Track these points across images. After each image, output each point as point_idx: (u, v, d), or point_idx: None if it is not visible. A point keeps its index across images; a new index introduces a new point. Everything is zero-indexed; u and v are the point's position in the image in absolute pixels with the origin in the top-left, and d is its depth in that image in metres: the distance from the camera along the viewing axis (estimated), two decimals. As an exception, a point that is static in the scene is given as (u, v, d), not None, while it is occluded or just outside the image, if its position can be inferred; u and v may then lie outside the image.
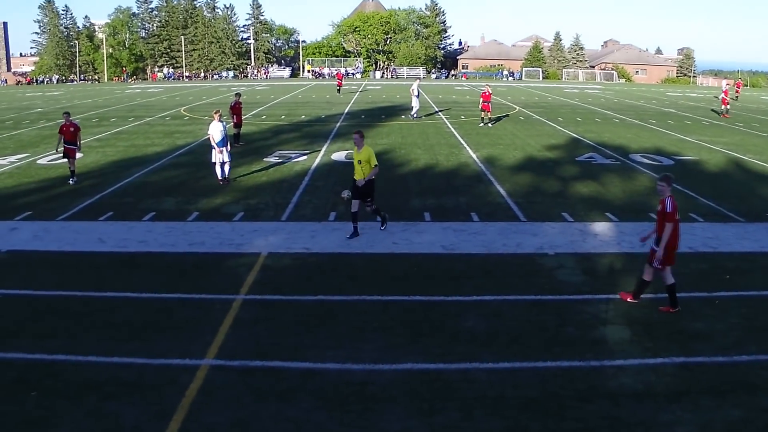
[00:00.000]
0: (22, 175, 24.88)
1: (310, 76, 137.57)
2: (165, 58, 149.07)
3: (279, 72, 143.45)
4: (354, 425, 8.09)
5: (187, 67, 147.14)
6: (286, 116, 45.60)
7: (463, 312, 11.45)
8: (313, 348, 10.19)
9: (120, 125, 41.80)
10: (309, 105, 55.70)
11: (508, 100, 59.22)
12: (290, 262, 14.31)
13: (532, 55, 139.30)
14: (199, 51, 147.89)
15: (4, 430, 8.24)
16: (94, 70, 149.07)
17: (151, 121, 44.03)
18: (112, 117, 47.60)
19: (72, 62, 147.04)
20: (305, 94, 71.54)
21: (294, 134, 35.78)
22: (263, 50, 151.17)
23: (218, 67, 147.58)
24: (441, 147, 29.91)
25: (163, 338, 10.69)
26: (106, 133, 37.66)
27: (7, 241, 16.25)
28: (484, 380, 9.09)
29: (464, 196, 20.01)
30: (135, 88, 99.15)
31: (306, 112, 48.82)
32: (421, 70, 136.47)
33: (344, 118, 43.93)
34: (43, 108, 57.94)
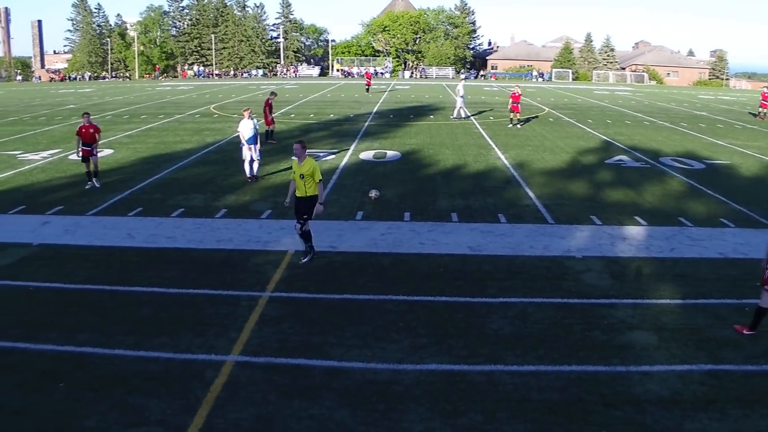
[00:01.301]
0: (54, 170, 25.14)
1: (339, 75, 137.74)
2: (195, 56, 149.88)
3: (308, 71, 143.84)
4: (377, 425, 8.10)
5: (217, 65, 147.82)
6: (314, 115, 45.70)
7: (488, 313, 11.42)
8: (338, 346, 10.22)
9: (150, 122, 42.12)
10: (338, 104, 55.78)
11: (537, 101, 58.96)
12: (317, 260, 14.33)
13: (562, 56, 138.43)
14: (229, 49, 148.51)
15: (33, 420, 8.39)
16: (125, 68, 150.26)
17: (180, 119, 44.31)
18: (142, 114, 47.97)
19: (104, 60, 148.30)
20: (334, 93, 71.64)
21: (322, 133, 35.84)
22: (293, 49, 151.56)
23: (248, 65, 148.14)
24: (469, 148, 29.83)
25: (189, 333, 10.78)
26: (137, 130, 37.96)
27: (38, 234, 16.46)
28: (508, 383, 9.07)
29: (492, 197, 19.95)
30: (165, 85, 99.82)
31: (335, 111, 48.89)
32: (450, 70, 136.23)
33: (373, 117, 43.95)
34: (75, 105, 58.49)
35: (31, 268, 14.20)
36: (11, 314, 11.70)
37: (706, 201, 19.70)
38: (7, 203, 19.78)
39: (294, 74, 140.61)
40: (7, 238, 16.24)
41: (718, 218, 17.57)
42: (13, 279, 13.49)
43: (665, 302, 11.97)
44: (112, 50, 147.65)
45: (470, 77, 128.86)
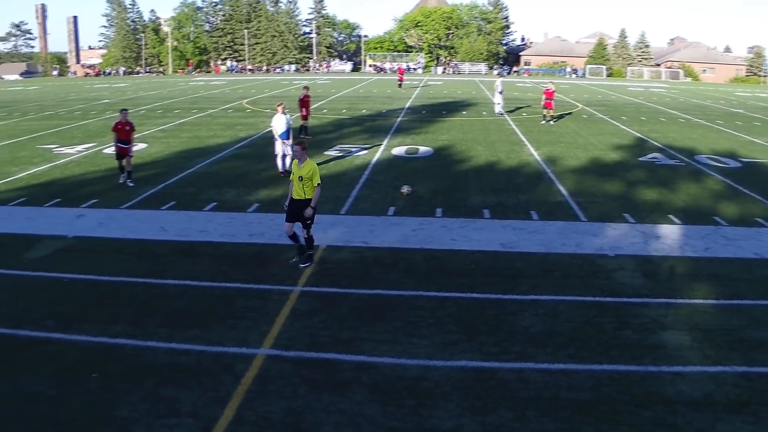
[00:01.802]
0: (89, 163, 25.42)
1: (372, 70, 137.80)
2: (228, 51, 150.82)
3: (340, 66, 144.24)
4: (406, 420, 8.12)
5: (249, 61, 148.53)
6: (347, 110, 45.76)
7: (519, 311, 11.38)
8: (368, 341, 10.25)
9: (183, 116, 42.43)
10: (370, 99, 55.83)
11: (570, 97, 58.58)
12: (348, 255, 14.38)
13: (596, 52, 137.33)
14: (262, 44, 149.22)
15: (66, 409, 8.51)
16: (159, 63, 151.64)
17: (213, 113, 44.58)
18: (176, 108, 48.32)
19: (138, 55, 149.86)
20: (366, 89, 71.72)
21: (355, 128, 35.89)
22: (325, 44, 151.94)
23: (280, 60, 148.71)
24: (502, 144, 29.73)
25: (221, 326, 10.86)
26: (170, 125, 38.25)
27: (73, 227, 16.66)
28: (538, 381, 9.03)
29: (524, 193, 19.86)
30: (198, 80, 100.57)
31: (367, 106, 48.94)
32: (483, 66, 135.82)
33: (405, 113, 43.93)
34: (109, 99, 59.11)
35: (66, 260, 14.39)
36: (47, 305, 11.87)
37: (742, 200, 19.47)
38: (43, 196, 20.04)
39: (326, 69, 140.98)
40: (43, 230, 16.47)
41: (754, 218, 17.36)
42: (49, 270, 13.67)
43: (699, 302, 11.85)
44: (146, 45, 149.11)
45: (503, 73, 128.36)
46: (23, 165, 25.54)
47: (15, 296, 12.38)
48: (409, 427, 7.98)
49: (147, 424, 8.14)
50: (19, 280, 13.24)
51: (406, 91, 66.51)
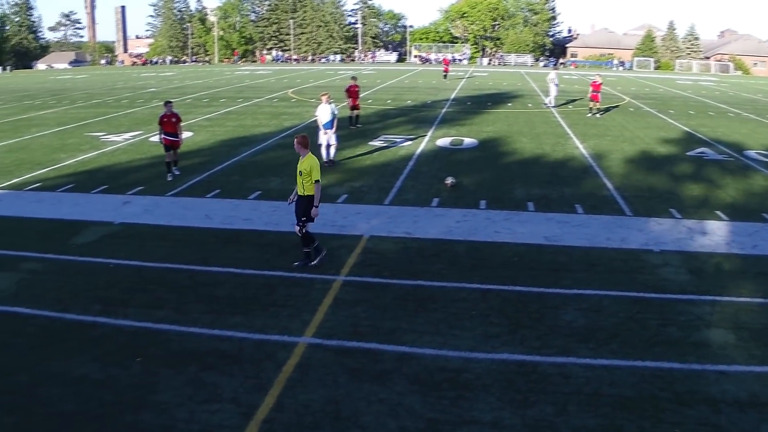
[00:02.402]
0: (135, 151, 25.73)
1: (417, 61, 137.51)
2: (274, 41, 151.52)
3: (386, 57, 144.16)
4: (446, 412, 8.11)
5: (295, 51, 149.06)
6: (392, 101, 45.74)
7: (562, 305, 11.30)
8: (410, 332, 10.25)
9: (229, 105, 42.75)
10: (415, 90, 55.74)
11: (617, 90, 57.88)
12: (391, 246, 14.39)
13: (643, 45, 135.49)
14: (308, 34, 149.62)
15: (110, 392, 8.66)
16: (205, 52, 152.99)
17: (259, 103, 44.85)
18: (221, 97, 48.70)
19: (184, 44, 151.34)
20: (411, 80, 71.61)
21: (400, 119, 35.86)
22: (370, 35, 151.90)
23: (326, 50, 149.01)
24: (547, 136, 29.50)
25: (263, 314, 10.95)
26: (216, 113, 38.57)
27: (120, 213, 16.89)
28: (580, 376, 8.97)
29: (569, 187, 19.70)
30: (244, 70, 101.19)
31: (412, 97, 48.88)
32: (529, 58, 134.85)
33: (450, 104, 43.80)
34: (156, 88, 59.75)
35: (112, 245, 14.60)
36: (93, 290, 12.06)
37: (792, 197, 19.12)
38: (90, 183, 20.35)
39: (371, 60, 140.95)
40: (90, 216, 16.72)
41: (805, 216, 17.05)
42: (95, 256, 13.89)
43: (745, 300, 11.65)
44: (193, 35, 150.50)
45: (549, 65, 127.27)
46: (71, 152, 25.95)
47: (63, 281, 12.60)
48: (449, 419, 7.97)
49: (189, 409, 8.24)
50: (66, 265, 13.48)
51: (452, 82, 66.28)
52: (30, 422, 8.07)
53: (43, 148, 27.14)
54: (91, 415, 8.18)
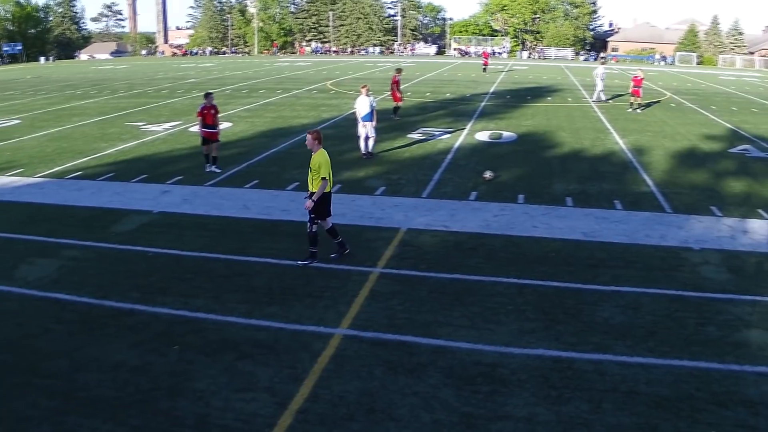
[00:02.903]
0: (175, 141, 25.97)
1: (456, 54, 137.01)
2: (313, 32, 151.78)
3: (425, 49, 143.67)
4: (480, 406, 8.10)
5: (334, 42, 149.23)
6: (431, 93, 45.66)
7: (599, 301, 11.21)
8: (446, 325, 10.24)
9: (268, 97, 42.96)
10: (454, 83, 55.57)
11: (658, 85, 57.18)
12: (429, 239, 14.38)
13: (686, 39, 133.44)
14: (347, 26, 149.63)
15: (147, 378, 8.80)
16: (245, 44, 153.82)
17: (298, 94, 45.03)
18: (261, 89, 48.95)
19: (224, 35, 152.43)
20: (451, 72, 71.38)
21: (438, 112, 35.78)
22: (410, 27, 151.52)
23: (365, 42, 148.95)
24: (587, 131, 29.26)
25: (299, 305, 11.01)
26: (255, 104, 38.78)
27: (159, 203, 17.07)
28: (616, 373, 8.89)
29: (608, 182, 19.51)
30: (283, 61, 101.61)
31: (451, 90, 48.74)
32: (569, 52, 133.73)
33: (489, 97, 43.61)
34: (196, 79, 60.28)
35: (150, 234, 14.77)
36: (132, 278, 12.21)
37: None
38: (130, 172, 20.59)
39: (411, 52, 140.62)
40: (130, 205, 16.92)
41: None
42: (134, 244, 14.06)
43: (787, 300, 11.49)
44: (232, 26, 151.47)
45: (589, 59, 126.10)
46: (112, 141, 26.26)
47: (102, 268, 12.77)
48: (483, 413, 7.96)
49: (224, 397, 8.32)
50: (106, 253, 13.65)
51: (491, 75, 65.97)
52: (69, 406, 8.20)
53: (84, 138, 27.50)
54: (128, 400, 8.30)
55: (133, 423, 7.86)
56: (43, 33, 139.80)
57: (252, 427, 7.76)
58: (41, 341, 9.94)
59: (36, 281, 12.18)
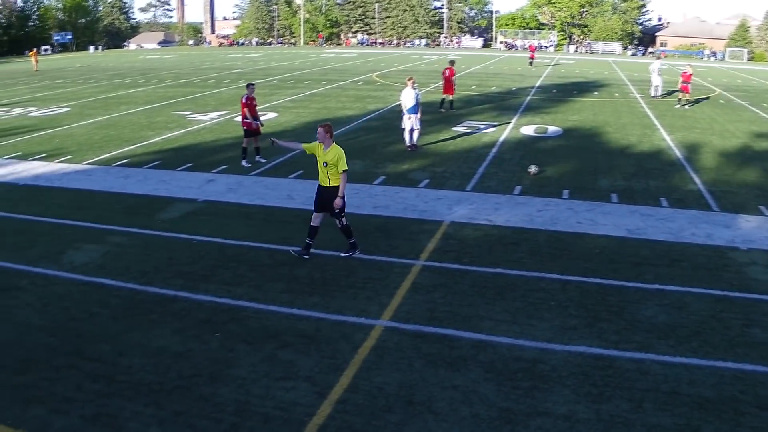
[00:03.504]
0: (221, 131, 26.18)
1: (503, 47, 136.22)
2: (359, 24, 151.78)
3: (471, 42, 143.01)
4: (520, 402, 8.07)
5: (380, 34, 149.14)
6: (476, 87, 45.48)
7: (643, 300, 11.09)
8: (487, 320, 10.21)
9: (314, 88, 43.13)
10: (500, 77, 55.27)
11: (708, 81, 56.27)
12: (472, 233, 14.34)
13: (737, 35, 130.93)
14: (393, 18, 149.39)
15: (190, 364, 8.92)
16: (291, 35, 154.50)
17: (343, 85, 45.12)
18: (306, 80, 49.15)
19: (271, 26, 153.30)
20: (497, 66, 71.02)
21: (484, 105, 35.63)
22: (456, 20, 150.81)
23: (411, 35, 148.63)
24: (633, 127, 28.92)
25: (341, 295, 11.05)
26: (300, 95, 38.96)
27: (204, 191, 17.23)
28: (658, 373, 8.79)
29: (654, 179, 19.27)
30: (329, 52, 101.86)
31: (497, 83, 48.49)
32: (617, 46, 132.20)
33: (535, 91, 43.31)
34: (242, 69, 60.69)
35: (195, 222, 14.93)
36: (176, 265, 12.36)
37: None
38: (176, 160, 20.81)
39: (457, 45, 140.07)
40: (175, 193, 17.11)
41: None
42: (179, 232, 14.22)
43: (836, 302, 11.27)
44: (279, 17, 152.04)
45: (637, 54, 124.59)
46: (159, 130, 26.56)
47: (147, 255, 12.94)
48: (522, 409, 7.93)
49: (264, 385, 8.39)
50: (151, 240, 13.83)
51: (537, 69, 65.49)
52: (111, 390, 8.33)
53: (131, 126, 27.86)
54: (170, 386, 8.41)
55: (174, 408, 7.96)
56: (92, 23, 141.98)
57: (291, 415, 7.81)
58: (86, 325, 10.11)
59: (82, 266, 12.39)
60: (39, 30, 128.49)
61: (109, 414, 7.86)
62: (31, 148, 23.63)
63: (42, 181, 18.78)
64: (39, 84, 49.68)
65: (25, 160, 21.68)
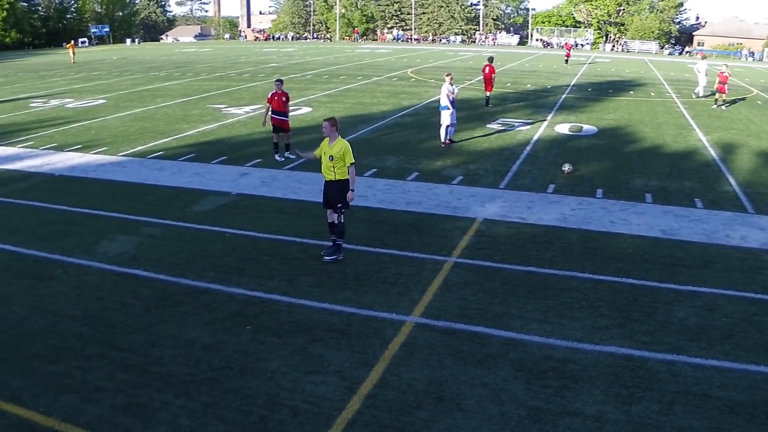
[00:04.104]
0: (255, 124, 26.28)
1: (538, 45, 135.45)
2: (395, 20, 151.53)
3: (506, 39, 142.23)
4: (549, 401, 8.05)
5: (415, 30, 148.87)
6: (511, 84, 45.29)
7: (675, 301, 11.00)
8: (518, 318, 10.19)
9: (348, 83, 43.18)
10: (535, 74, 54.97)
11: (745, 82, 55.52)
12: (504, 230, 14.31)
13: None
14: (429, 14, 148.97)
15: (220, 356, 9.01)
16: (326, 29, 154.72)
17: (378, 81, 45.12)
18: (341, 75, 49.23)
19: (306, 21, 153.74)
20: (532, 63, 70.60)
21: (518, 103, 35.48)
22: (492, 17, 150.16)
23: (446, 31, 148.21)
24: (669, 127, 28.65)
25: (373, 291, 11.09)
26: (335, 90, 39.02)
27: (237, 185, 17.35)
28: (689, 375, 8.72)
29: (689, 180, 19.08)
30: (364, 48, 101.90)
31: (532, 81, 48.24)
32: (654, 45, 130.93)
33: (570, 89, 43.02)
34: (277, 63, 60.90)
35: (228, 215, 15.03)
36: (209, 257, 12.46)
37: None
38: (210, 153, 20.97)
39: (492, 42, 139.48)
40: (209, 186, 17.24)
41: None
42: (212, 224, 14.34)
43: None
44: (315, 12, 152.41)
45: (674, 53, 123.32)
46: (194, 123, 26.76)
47: (179, 247, 13.07)
48: (551, 408, 7.91)
49: (294, 379, 8.45)
50: (184, 232, 13.95)
51: (573, 67, 65.03)
52: (142, 380, 8.44)
53: (166, 118, 28.10)
54: (200, 377, 8.50)
55: (203, 399, 8.04)
56: (129, 16, 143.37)
57: (320, 409, 7.86)
58: (118, 315, 10.24)
59: (116, 257, 12.54)
60: (77, 22, 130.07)
61: (139, 404, 7.96)
62: (67, 139, 23.93)
63: (77, 172, 19.02)
64: (76, 76, 50.26)
65: (61, 151, 21.96)
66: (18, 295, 11.00)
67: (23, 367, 8.81)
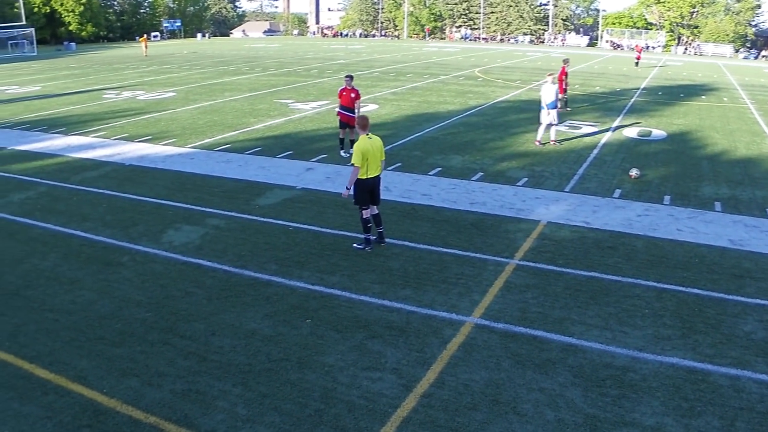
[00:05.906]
0: (321, 120, 26.47)
1: (608, 46, 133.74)
2: (463, 19, 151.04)
3: (576, 40, 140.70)
4: (607, 410, 7.94)
5: (483, 29, 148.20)
6: (580, 86, 44.75)
7: (742, 314, 10.73)
8: (579, 324, 10.07)
9: (415, 81, 43.15)
10: (604, 76, 54.25)
11: (824, 90, 54.20)
12: (568, 234, 14.15)
13: None
14: (497, 14, 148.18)
15: (279, 348, 9.13)
16: (394, 27, 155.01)
17: (445, 80, 45.00)
18: (408, 73, 49.23)
19: (374, 18, 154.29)
20: (601, 65, 69.69)
21: (586, 105, 35.05)
22: (561, 17, 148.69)
23: (515, 31, 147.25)
24: (741, 133, 28.00)
25: (433, 290, 11.07)
26: (401, 88, 39.03)
27: (302, 179, 17.49)
28: (754, 391, 8.50)
29: (762, 189, 18.60)
30: (432, 46, 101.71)
31: (601, 83, 47.61)
32: (728, 48, 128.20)
33: (640, 93, 42.34)
34: (345, 60, 61.16)
35: (292, 209, 15.16)
36: (272, 250, 12.60)
37: None
38: (277, 148, 21.17)
39: (561, 43, 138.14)
40: (275, 180, 17.41)
41: None
42: (276, 218, 14.48)
43: None
44: (383, 10, 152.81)
45: (750, 57, 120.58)
46: (261, 117, 27.04)
47: (244, 239, 13.23)
48: (609, 417, 7.80)
49: (351, 374, 8.49)
50: (248, 224, 14.11)
51: (643, 70, 64.00)
52: (202, 368, 8.59)
53: (234, 112, 28.46)
54: (258, 368, 8.61)
55: (261, 390, 8.13)
56: (201, 11, 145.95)
57: (376, 406, 7.88)
58: (181, 303, 10.42)
59: (181, 246, 12.76)
60: (150, 17, 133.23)
61: (198, 391, 8.09)
62: (138, 130, 24.42)
63: (146, 162, 19.40)
64: (147, 69, 51.24)
65: (132, 141, 22.43)
66: (87, 279, 11.33)
67: (90, 349, 9.09)
